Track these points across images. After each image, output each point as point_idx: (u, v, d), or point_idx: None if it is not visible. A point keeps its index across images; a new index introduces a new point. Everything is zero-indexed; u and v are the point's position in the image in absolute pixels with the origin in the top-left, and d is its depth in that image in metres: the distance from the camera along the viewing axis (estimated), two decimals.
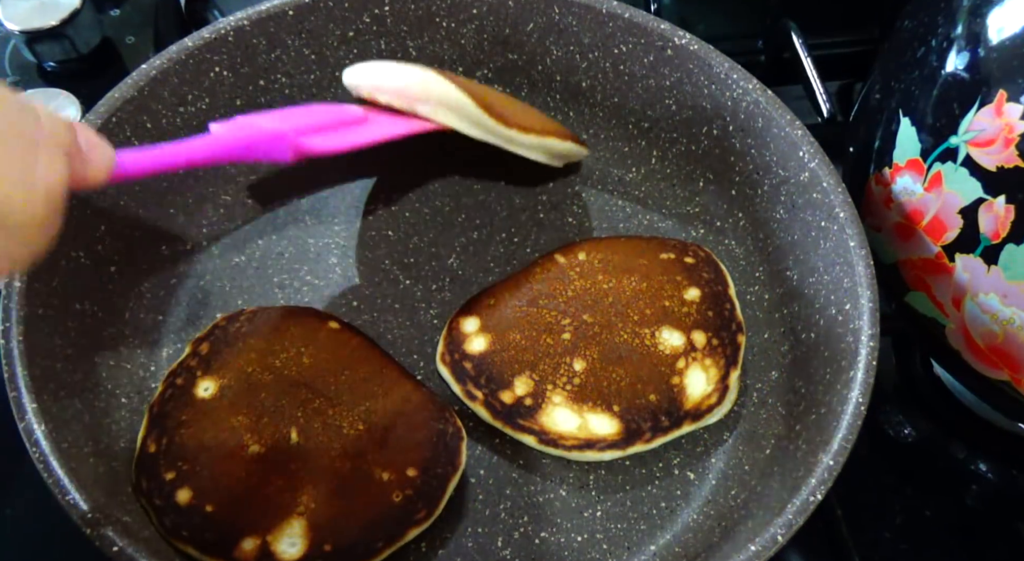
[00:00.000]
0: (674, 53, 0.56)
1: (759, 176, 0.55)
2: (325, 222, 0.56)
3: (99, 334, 0.49)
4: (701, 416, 0.49)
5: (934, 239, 0.47)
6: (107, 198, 0.51)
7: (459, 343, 0.50)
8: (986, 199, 0.44)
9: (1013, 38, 0.43)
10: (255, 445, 0.45)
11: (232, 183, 0.56)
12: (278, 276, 0.54)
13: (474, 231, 0.57)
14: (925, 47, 0.48)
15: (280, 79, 0.57)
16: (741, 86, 0.54)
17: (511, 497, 0.48)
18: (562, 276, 0.52)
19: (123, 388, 0.49)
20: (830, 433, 0.44)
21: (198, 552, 0.42)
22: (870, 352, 0.45)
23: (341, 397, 0.47)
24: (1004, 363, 0.47)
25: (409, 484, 0.45)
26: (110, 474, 0.44)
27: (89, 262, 0.50)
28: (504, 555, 0.46)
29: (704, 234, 0.57)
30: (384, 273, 0.55)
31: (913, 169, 0.48)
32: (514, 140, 0.52)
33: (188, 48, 0.53)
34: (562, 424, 0.48)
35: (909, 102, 0.49)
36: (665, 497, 0.48)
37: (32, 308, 0.45)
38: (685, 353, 0.50)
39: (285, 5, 0.55)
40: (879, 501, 0.55)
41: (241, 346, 0.48)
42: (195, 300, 0.52)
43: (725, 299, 0.52)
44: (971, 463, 0.57)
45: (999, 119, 0.43)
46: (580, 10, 0.56)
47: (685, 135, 0.58)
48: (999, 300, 0.45)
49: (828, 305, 0.49)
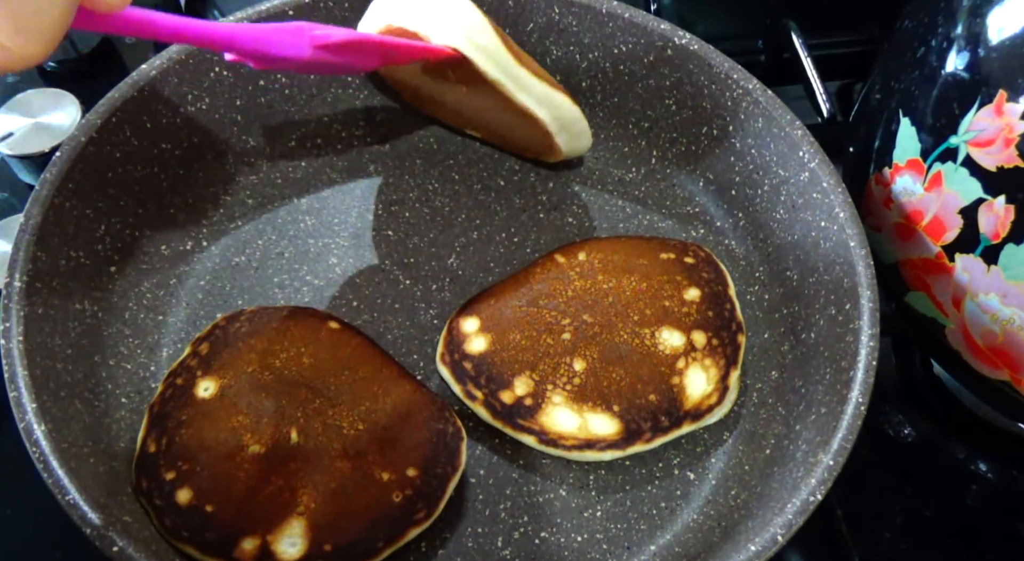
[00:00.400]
0: (674, 53, 0.56)
1: (759, 176, 0.55)
2: (325, 222, 0.56)
3: (99, 334, 0.49)
4: (701, 416, 0.49)
5: (934, 239, 0.47)
6: (107, 198, 0.51)
7: (459, 343, 0.50)
8: (986, 199, 0.44)
9: (1013, 38, 0.43)
10: (255, 445, 0.45)
11: (232, 183, 0.56)
12: (278, 276, 0.54)
13: (474, 231, 0.57)
14: (925, 47, 0.48)
15: (280, 79, 0.57)
16: (741, 86, 0.54)
17: (511, 497, 0.48)
18: (562, 276, 0.52)
19: (123, 388, 0.49)
20: (830, 433, 0.44)
21: (198, 552, 0.42)
22: (870, 352, 0.45)
23: (341, 397, 0.47)
24: (1004, 363, 0.47)
25: (409, 484, 0.45)
26: (110, 474, 0.44)
27: (89, 262, 0.50)
28: (504, 555, 0.46)
29: (704, 234, 0.57)
30: (384, 273, 0.55)
31: (913, 169, 0.48)
32: (524, 83, 0.50)
33: (188, 48, 0.53)
34: (562, 424, 0.48)
35: (909, 102, 0.49)
36: (665, 497, 0.48)
37: (32, 308, 0.45)
38: (685, 353, 0.50)
39: (285, 5, 0.55)
40: (879, 501, 0.55)
41: (241, 346, 0.48)
42: (195, 300, 0.52)
43: (725, 299, 0.52)
44: (971, 463, 0.57)
45: (999, 119, 0.43)
46: (580, 10, 0.56)
47: (685, 135, 0.58)
48: (999, 300, 0.45)
49: (828, 305, 0.50)
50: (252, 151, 0.57)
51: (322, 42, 0.45)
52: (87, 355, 0.48)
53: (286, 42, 0.45)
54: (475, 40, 0.49)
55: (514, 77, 0.50)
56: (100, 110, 0.50)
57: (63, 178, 0.48)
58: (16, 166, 0.61)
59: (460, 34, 0.49)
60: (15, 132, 0.61)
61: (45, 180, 0.47)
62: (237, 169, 0.57)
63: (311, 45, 0.45)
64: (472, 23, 0.49)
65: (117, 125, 0.51)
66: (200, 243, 0.54)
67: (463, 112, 0.57)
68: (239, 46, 0.44)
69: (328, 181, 0.58)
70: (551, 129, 0.53)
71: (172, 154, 0.54)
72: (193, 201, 0.55)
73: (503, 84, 0.50)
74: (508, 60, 0.49)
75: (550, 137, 0.53)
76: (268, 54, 0.45)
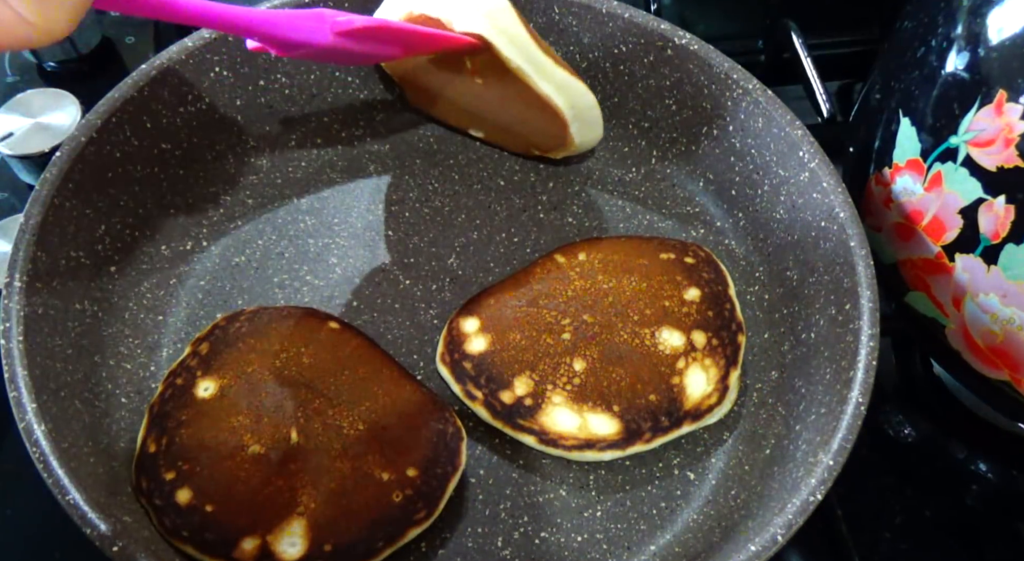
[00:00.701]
0: (674, 53, 0.56)
1: (759, 176, 0.55)
2: (325, 222, 0.56)
3: (99, 334, 0.49)
4: (701, 416, 0.49)
5: (934, 239, 0.47)
6: (107, 198, 0.51)
7: (459, 343, 0.50)
8: (986, 199, 0.44)
9: (1013, 38, 0.43)
10: (255, 445, 0.45)
11: (232, 183, 0.56)
12: (278, 276, 0.54)
13: (474, 231, 0.57)
14: (925, 47, 0.48)
15: (280, 79, 0.57)
16: (741, 86, 0.54)
17: (511, 497, 0.48)
18: (562, 276, 0.52)
19: (123, 388, 0.49)
20: (830, 433, 0.44)
21: (198, 552, 0.42)
22: (870, 352, 0.45)
23: (341, 397, 0.47)
24: (1004, 363, 0.47)
25: (409, 484, 0.45)
26: (110, 474, 0.44)
27: (89, 262, 0.50)
28: (504, 555, 0.46)
29: (704, 234, 0.57)
30: (384, 273, 0.55)
31: (913, 169, 0.48)
32: (546, 70, 0.50)
33: (188, 48, 0.53)
34: (562, 424, 0.48)
35: (909, 102, 0.49)
36: (665, 497, 0.48)
37: (32, 308, 0.45)
38: (685, 353, 0.50)
39: (285, 5, 0.55)
40: (879, 501, 0.55)
41: (241, 346, 0.48)
42: (195, 300, 0.52)
43: (725, 299, 0.52)
44: (971, 463, 0.57)
45: (999, 119, 0.43)
46: (580, 10, 0.56)
47: (685, 135, 0.58)
48: (999, 300, 0.45)
49: (828, 305, 0.50)
50: (252, 151, 0.58)
51: (344, 28, 0.45)
52: (87, 355, 0.48)
53: (307, 27, 0.45)
54: (498, 24, 0.49)
55: (536, 63, 0.50)
56: (100, 110, 0.50)
57: (63, 178, 0.48)
58: (16, 166, 0.61)
59: (484, 18, 0.49)
60: (15, 132, 0.61)
61: (45, 180, 0.47)
62: (237, 169, 0.57)
63: (332, 31, 0.45)
64: (495, 6, 0.49)
65: (117, 125, 0.51)
66: (200, 243, 0.54)
67: (471, 109, 0.57)
68: (260, 30, 0.44)
69: (328, 181, 0.58)
70: (567, 117, 0.53)
71: (172, 154, 0.54)
72: (193, 201, 0.55)
73: (525, 71, 0.50)
74: (530, 45, 0.50)
75: (565, 127, 0.53)
76: (289, 39, 0.45)
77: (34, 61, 0.66)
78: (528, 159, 0.59)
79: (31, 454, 0.41)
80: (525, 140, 0.57)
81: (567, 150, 0.56)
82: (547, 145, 0.57)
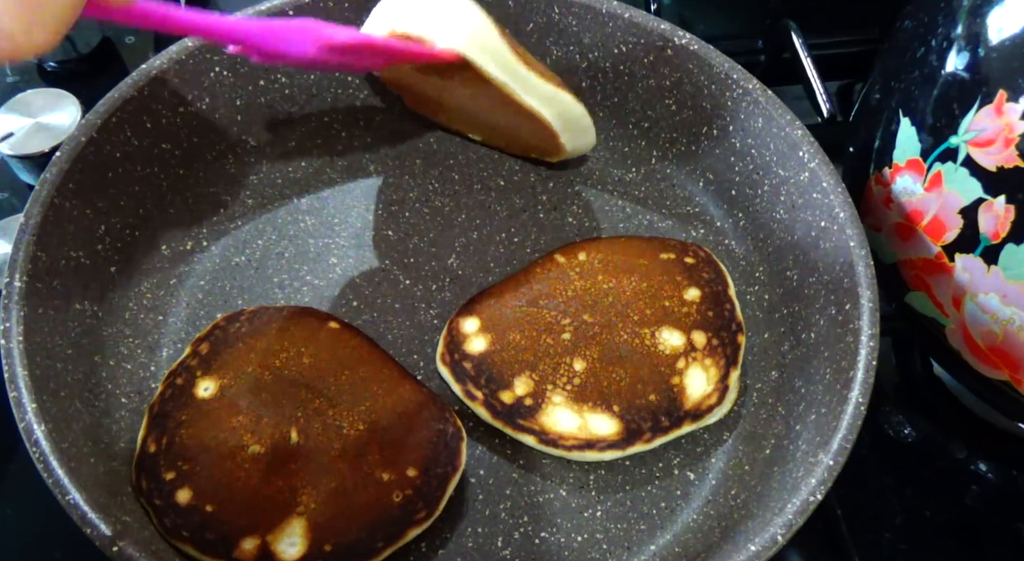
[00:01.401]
0: (674, 53, 0.56)
1: (759, 176, 0.55)
2: (325, 222, 0.56)
3: (99, 334, 0.49)
4: (701, 416, 0.49)
5: (934, 239, 0.47)
6: (107, 198, 0.51)
7: (459, 343, 0.50)
8: (986, 199, 0.44)
9: (1013, 38, 0.43)
10: (255, 445, 0.45)
11: (232, 183, 0.57)
12: (278, 276, 0.54)
13: (474, 231, 0.57)
14: (925, 47, 0.48)
15: (280, 79, 0.57)
16: (741, 86, 0.54)
17: (511, 497, 0.48)
18: (562, 276, 0.52)
19: (123, 388, 0.49)
20: (830, 433, 0.44)
21: (198, 552, 0.42)
22: (870, 352, 0.45)
23: (341, 397, 0.47)
24: (1004, 363, 0.47)
25: (409, 484, 0.45)
26: (110, 474, 0.44)
27: (89, 262, 0.50)
28: (504, 555, 0.46)
29: (704, 234, 0.57)
30: (384, 273, 0.55)
31: (913, 169, 0.48)
32: (529, 84, 0.50)
33: (188, 48, 0.53)
34: (562, 424, 0.48)
35: (909, 102, 0.49)
36: (665, 497, 0.48)
37: (32, 308, 0.45)
38: (685, 353, 0.50)
39: (285, 5, 0.55)
40: (879, 501, 0.55)
41: (241, 346, 0.48)
42: (195, 300, 0.52)
43: (725, 299, 0.52)
44: (971, 463, 0.57)
45: (999, 119, 0.43)
46: (580, 10, 0.56)
47: (685, 135, 0.58)
48: (999, 300, 0.45)
49: (828, 305, 0.49)
50: (252, 151, 0.58)
51: (328, 42, 0.45)
52: (87, 355, 0.48)
53: (293, 40, 0.45)
54: (479, 43, 0.49)
55: (519, 78, 0.50)
56: (100, 110, 0.50)
57: (63, 178, 0.48)
58: (16, 166, 0.61)
59: (464, 37, 0.49)
60: (15, 132, 0.61)
61: (45, 180, 0.47)
62: (237, 169, 0.57)
63: (317, 44, 0.45)
64: (475, 26, 0.49)
65: (117, 125, 0.51)
66: (200, 243, 0.54)
67: (466, 115, 0.57)
68: (247, 41, 0.44)
69: (328, 181, 0.58)
70: (556, 128, 0.53)
71: (172, 154, 0.54)
72: (193, 201, 0.55)
73: (508, 86, 0.50)
74: (512, 62, 0.49)
75: (555, 136, 0.53)
76: (275, 51, 0.45)
77: (34, 61, 0.66)
78: (528, 160, 0.59)
79: (31, 454, 0.41)
80: (522, 144, 0.57)
81: (560, 156, 0.56)
82: (540, 150, 0.57)
